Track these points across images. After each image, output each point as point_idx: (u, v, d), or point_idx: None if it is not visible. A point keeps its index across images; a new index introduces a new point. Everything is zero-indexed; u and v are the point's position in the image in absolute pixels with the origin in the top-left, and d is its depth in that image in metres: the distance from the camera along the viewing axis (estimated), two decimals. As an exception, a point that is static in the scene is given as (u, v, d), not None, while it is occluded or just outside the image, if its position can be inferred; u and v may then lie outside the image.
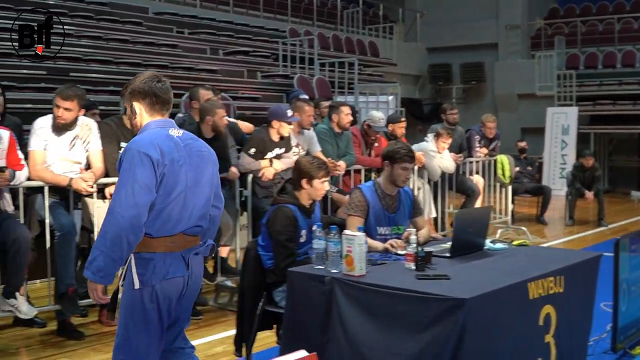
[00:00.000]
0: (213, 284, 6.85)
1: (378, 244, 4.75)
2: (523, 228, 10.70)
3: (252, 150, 6.78)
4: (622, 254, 5.26)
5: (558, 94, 18.49)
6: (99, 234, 3.32)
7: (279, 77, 14.20)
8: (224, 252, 6.71)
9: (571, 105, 17.86)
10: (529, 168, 12.83)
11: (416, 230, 4.91)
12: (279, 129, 6.84)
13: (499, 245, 4.91)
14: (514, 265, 4.45)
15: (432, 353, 3.60)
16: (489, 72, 21.20)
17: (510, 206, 10.98)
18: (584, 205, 12.55)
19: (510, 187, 10.83)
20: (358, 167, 8.05)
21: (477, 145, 10.15)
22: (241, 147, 7.09)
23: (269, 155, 6.84)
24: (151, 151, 3.31)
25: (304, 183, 4.74)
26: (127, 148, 3.38)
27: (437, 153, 9.07)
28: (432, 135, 9.18)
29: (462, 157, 9.56)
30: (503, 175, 10.52)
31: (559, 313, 4.24)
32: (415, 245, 4.26)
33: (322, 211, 5.84)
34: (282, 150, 6.94)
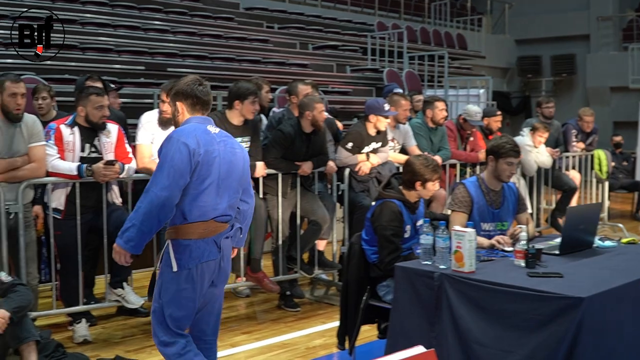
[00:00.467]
0: (309, 277, 6.90)
1: (484, 240, 4.70)
2: (620, 225, 10.41)
3: (350, 144, 6.79)
4: None
5: (651, 87, 17.92)
6: (134, 209, 3.69)
7: (368, 71, 14.19)
8: (321, 246, 6.75)
9: (666, 98, 17.26)
10: (625, 163, 12.47)
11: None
12: (376, 123, 6.83)
13: (608, 243, 4.79)
14: (626, 263, 4.34)
15: (546, 351, 3.56)
16: (580, 65, 20.69)
17: (606, 202, 10.69)
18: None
19: (606, 183, 10.55)
20: (453, 162, 7.98)
21: (574, 139, 9.90)
22: (337, 142, 7.11)
23: (366, 149, 6.84)
24: (189, 141, 3.67)
25: (418, 185, 4.71)
26: (169, 136, 3.76)
27: (534, 147, 8.89)
28: (528, 129, 9.00)
29: (559, 152, 9.34)
30: (600, 170, 10.25)
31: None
32: (525, 242, 4.19)
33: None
34: (379, 144, 6.94)
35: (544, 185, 9.45)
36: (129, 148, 5.67)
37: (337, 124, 7.55)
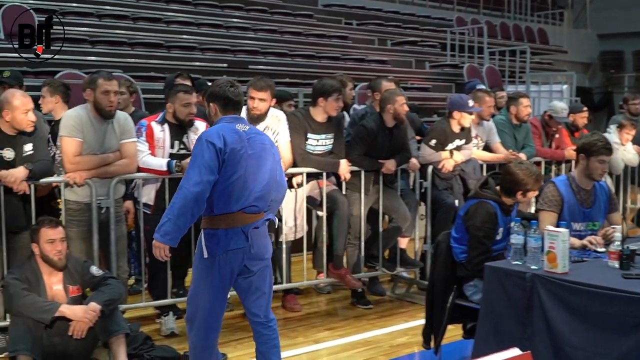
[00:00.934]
0: (390, 274, 6.87)
1: (575, 241, 4.59)
2: None
3: (433, 141, 6.72)
4: None
5: None
6: (170, 204, 3.99)
7: (448, 67, 14.07)
8: (403, 243, 6.72)
9: None
10: None
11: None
12: (460, 120, 6.74)
13: None
14: None
15: (641, 354, 3.46)
16: (666, 60, 20.05)
17: (696, 202, 10.31)
18: None
19: (696, 182, 10.16)
20: (538, 159, 7.81)
21: (661, 136, 9.56)
22: (420, 139, 7.06)
23: (449, 146, 6.76)
24: (215, 140, 3.94)
25: (519, 195, 4.62)
26: (199, 137, 4.08)
27: (620, 145, 8.63)
28: (615, 126, 8.75)
29: (646, 150, 9.05)
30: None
31: None
32: (619, 243, 4.08)
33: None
34: (463, 141, 6.85)
35: (631, 184, 9.18)
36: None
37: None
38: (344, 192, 6.26)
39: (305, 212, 6.18)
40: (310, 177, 6.14)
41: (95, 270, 4.75)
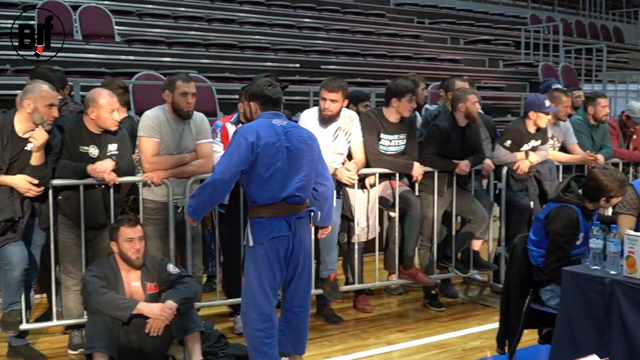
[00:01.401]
0: (464, 276, 6.80)
1: (656, 245, 4.46)
2: None
3: (508, 142, 6.62)
4: None
5: None
6: (201, 184, 4.41)
7: (522, 66, 13.85)
8: (477, 245, 6.63)
9: None
10: None
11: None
12: (536, 120, 6.61)
13: None
14: None
15: None
16: None
17: None
18: None
19: None
20: (615, 161, 7.61)
21: None
22: (493, 140, 6.96)
23: (525, 147, 6.64)
24: (248, 135, 4.23)
25: (602, 201, 4.52)
26: (235, 131, 4.44)
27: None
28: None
29: None
30: None
31: None
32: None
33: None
34: (538, 142, 6.72)
35: None
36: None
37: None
38: (417, 194, 6.22)
39: (377, 213, 6.16)
40: (382, 178, 6.12)
41: (171, 268, 4.84)
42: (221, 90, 8.87)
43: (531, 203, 6.63)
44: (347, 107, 5.87)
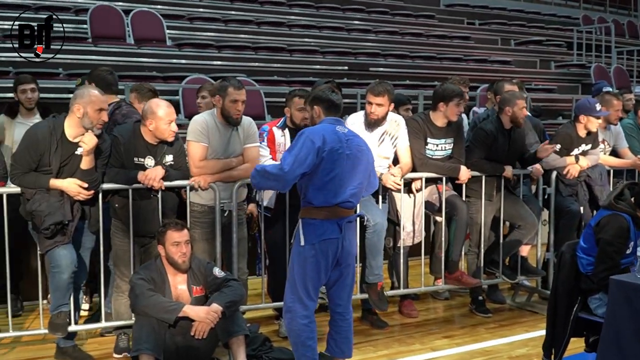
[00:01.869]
0: (511, 283, 6.72)
1: None
2: None
3: (558, 146, 6.53)
4: None
5: None
6: (267, 167, 4.54)
7: (574, 67, 13.63)
8: (525, 251, 6.55)
9: None
10: None
11: None
12: (587, 124, 6.51)
13: None
14: None
15: None
16: None
17: None
18: None
19: None
20: (667, 166, 7.44)
21: None
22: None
23: (575, 151, 6.54)
24: (315, 138, 4.32)
25: None
26: (301, 132, 4.45)
27: None
28: None
29: None
30: None
31: None
32: None
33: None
34: (589, 146, 6.61)
35: None
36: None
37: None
38: (466, 199, 6.17)
39: (423, 217, 6.13)
40: (429, 182, 6.09)
41: (217, 271, 4.88)
42: (269, 93, 8.92)
43: (581, 208, 6.52)
44: (389, 111, 5.85)
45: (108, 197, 5.07)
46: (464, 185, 6.12)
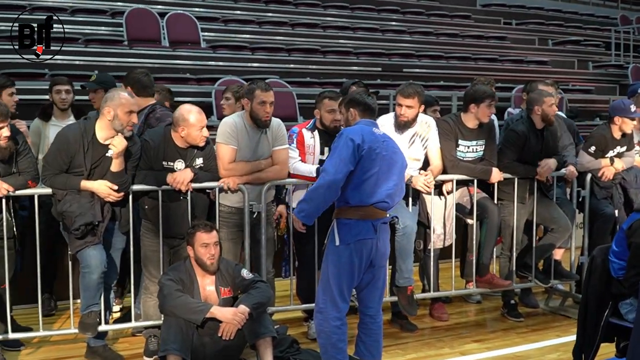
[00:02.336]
0: (544, 287, 6.63)
1: None
2: None
3: (592, 148, 6.43)
4: None
5: None
6: (311, 187, 4.56)
7: (612, 67, 13.43)
8: (558, 255, 6.46)
9: None
10: None
11: None
12: (621, 126, 6.41)
13: None
14: None
15: None
16: None
17: None
18: None
19: None
20: None
21: None
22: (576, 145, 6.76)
23: (610, 153, 6.45)
24: (355, 137, 4.38)
25: None
26: (340, 133, 4.52)
27: None
28: None
29: None
30: None
31: None
32: None
33: None
34: (624, 148, 6.50)
35: None
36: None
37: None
38: (498, 202, 6.10)
39: (454, 220, 6.07)
40: (460, 184, 6.04)
41: (245, 273, 4.90)
42: (302, 95, 8.93)
43: (616, 211, 6.42)
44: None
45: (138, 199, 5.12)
46: (496, 187, 6.06)
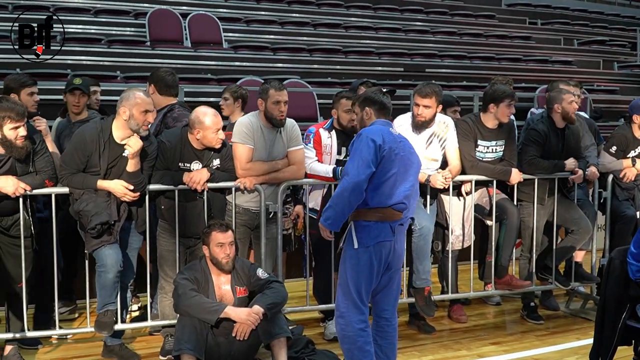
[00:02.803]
0: (565, 289, 6.56)
1: None
2: None
3: (613, 148, 6.35)
4: None
5: None
6: (334, 193, 4.41)
7: (637, 68, 13.27)
8: (579, 257, 6.38)
9: None
10: None
11: None
12: (641, 124, 6.33)
13: None
14: None
15: None
16: None
17: None
18: None
19: None
20: None
21: None
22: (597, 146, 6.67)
23: (632, 154, 6.36)
24: (376, 137, 4.30)
25: None
26: (359, 134, 4.42)
27: None
28: None
29: None
30: None
31: None
32: None
33: None
34: (646, 148, 6.42)
35: None
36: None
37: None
38: (518, 203, 6.04)
39: (473, 221, 6.02)
40: (479, 185, 5.98)
41: (261, 273, 4.89)
42: (323, 95, 8.91)
43: (637, 213, 6.34)
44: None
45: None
46: (515, 188, 6.00)
